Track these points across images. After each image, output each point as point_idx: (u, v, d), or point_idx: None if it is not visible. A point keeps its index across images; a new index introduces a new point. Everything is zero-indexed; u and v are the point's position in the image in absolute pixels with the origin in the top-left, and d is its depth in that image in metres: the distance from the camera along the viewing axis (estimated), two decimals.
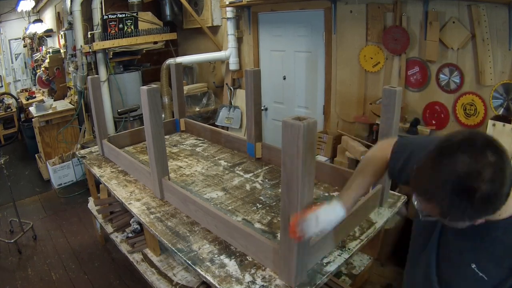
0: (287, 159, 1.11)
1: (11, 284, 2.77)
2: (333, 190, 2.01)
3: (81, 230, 3.51)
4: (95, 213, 2.82)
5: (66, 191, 4.41)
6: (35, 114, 4.57)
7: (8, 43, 7.86)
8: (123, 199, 2.01)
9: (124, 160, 2.38)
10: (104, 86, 4.01)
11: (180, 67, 2.99)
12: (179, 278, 1.99)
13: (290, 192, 1.14)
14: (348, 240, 1.56)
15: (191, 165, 2.45)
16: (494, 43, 2.32)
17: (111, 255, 3.08)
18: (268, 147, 2.42)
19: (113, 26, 3.82)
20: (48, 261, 3.05)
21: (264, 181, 2.16)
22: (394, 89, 1.56)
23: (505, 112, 2.34)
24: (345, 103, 3.30)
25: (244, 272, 1.39)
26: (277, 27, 3.79)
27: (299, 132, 1.04)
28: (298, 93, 3.78)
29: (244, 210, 1.85)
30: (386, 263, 2.75)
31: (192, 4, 4.42)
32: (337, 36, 3.20)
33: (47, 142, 4.68)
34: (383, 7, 2.81)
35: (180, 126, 3.13)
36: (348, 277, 2.00)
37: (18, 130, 6.52)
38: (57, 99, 5.36)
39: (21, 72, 8.19)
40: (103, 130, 2.64)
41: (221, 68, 4.64)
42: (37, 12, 7.05)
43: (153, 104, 1.82)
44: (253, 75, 2.23)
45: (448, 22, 2.48)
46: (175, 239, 1.62)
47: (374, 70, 3.00)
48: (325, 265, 1.41)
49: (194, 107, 4.54)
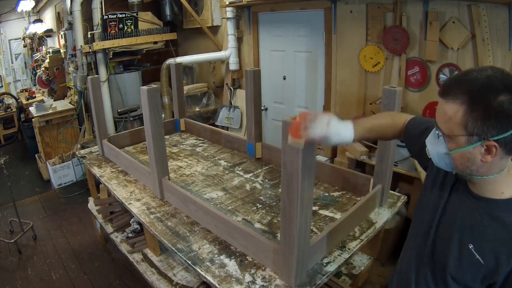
0: (287, 159, 1.11)
1: (11, 284, 2.77)
2: (333, 190, 2.01)
3: (81, 230, 3.51)
4: (95, 213, 2.82)
5: (66, 191, 4.41)
6: (35, 114, 4.57)
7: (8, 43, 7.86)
8: (123, 199, 2.01)
9: (124, 160, 2.38)
10: (104, 86, 4.01)
11: (180, 67, 2.99)
12: (179, 278, 1.99)
13: (290, 192, 1.14)
14: (348, 240, 1.56)
15: (191, 165, 2.45)
16: (494, 43, 2.32)
17: (111, 255, 3.08)
18: (268, 147, 2.42)
19: (113, 26, 3.82)
20: (48, 261, 3.05)
21: (264, 181, 2.16)
22: (394, 89, 1.56)
23: None
24: (345, 103, 3.30)
25: (244, 272, 1.39)
26: (277, 27, 3.79)
27: None
28: (298, 93, 3.78)
29: (244, 210, 1.85)
30: (386, 263, 2.75)
31: (192, 4, 4.42)
32: (337, 36, 3.20)
33: (47, 142, 4.69)
34: (383, 7, 2.81)
35: (180, 126, 3.13)
36: (348, 277, 2.00)
37: (18, 130, 6.52)
38: (57, 99, 5.36)
39: (21, 72, 8.20)
40: (103, 130, 2.64)
41: (221, 68, 4.64)
42: (37, 12, 7.05)
43: (153, 104, 1.82)
44: (253, 75, 2.23)
45: (448, 22, 2.48)
46: (175, 239, 1.62)
47: (374, 70, 3.00)
48: (325, 265, 1.41)
49: (194, 107, 4.54)
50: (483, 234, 0.90)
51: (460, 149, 0.85)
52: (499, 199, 0.89)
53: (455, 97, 0.82)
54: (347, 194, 1.96)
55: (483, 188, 0.92)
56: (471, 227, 0.92)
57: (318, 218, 1.75)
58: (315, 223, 1.69)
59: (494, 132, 0.79)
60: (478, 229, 0.91)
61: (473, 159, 0.85)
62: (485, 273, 0.89)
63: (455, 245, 0.95)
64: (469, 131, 0.81)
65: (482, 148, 0.82)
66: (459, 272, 0.94)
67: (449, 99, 0.84)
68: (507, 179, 0.89)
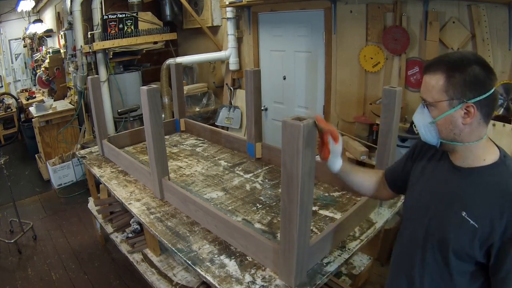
0: (287, 159, 1.11)
1: (11, 284, 2.77)
2: (333, 190, 2.01)
3: (81, 230, 3.51)
4: (95, 213, 2.82)
5: (66, 191, 4.41)
6: (35, 114, 4.57)
7: (8, 43, 7.86)
8: (123, 199, 2.01)
9: (124, 160, 2.38)
10: (104, 86, 4.01)
11: (180, 67, 2.99)
12: (179, 278, 1.99)
13: (290, 192, 1.14)
14: (348, 240, 1.56)
15: (191, 165, 2.45)
16: (494, 43, 2.32)
17: (111, 255, 3.08)
18: (268, 147, 2.42)
19: (113, 26, 3.82)
20: (48, 261, 3.05)
21: (264, 181, 2.16)
22: (394, 89, 1.56)
23: (505, 112, 2.33)
24: (345, 103, 3.30)
25: (244, 272, 1.39)
26: (277, 27, 3.79)
27: (299, 132, 1.04)
28: (298, 93, 3.78)
29: (244, 210, 1.85)
30: (386, 263, 2.74)
31: (192, 4, 4.42)
32: (337, 36, 3.20)
33: (47, 142, 4.69)
34: (383, 7, 2.81)
35: (180, 126, 3.13)
36: (348, 277, 2.00)
37: (18, 130, 6.52)
38: (57, 99, 5.36)
39: (21, 72, 8.20)
40: (103, 130, 2.64)
41: (221, 68, 4.64)
42: (37, 12, 7.05)
43: (153, 104, 1.82)
44: (253, 75, 2.23)
45: (448, 22, 2.48)
46: (175, 239, 1.62)
47: (374, 70, 3.00)
48: (325, 265, 1.41)
49: (194, 107, 4.54)
50: (473, 202, 0.97)
51: (443, 114, 0.97)
52: (482, 165, 0.99)
53: (436, 70, 0.97)
54: (347, 194, 1.96)
55: (467, 158, 1.01)
56: (461, 198, 0.99)
57: (318, 218, 1.75)
58: (315, 223, 1.69)
59: (471, 95, 0.93)
60: (467, 198, 0.98)
61: (455, 122, 0.96)
62: (482, 237, 0.95)
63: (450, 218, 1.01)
64: (450, 96, 0.95)
65: (462, 111, 0.94)
66: (458, 242, 0.99)
67: (431, 73, 0.98)
68: (487, 148, 1.00)
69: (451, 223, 1.00)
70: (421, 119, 1.03)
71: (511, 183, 0.94)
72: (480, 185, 0.97)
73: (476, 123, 0.95)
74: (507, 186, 0.93)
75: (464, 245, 0.98)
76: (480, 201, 0.96)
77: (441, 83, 0.95)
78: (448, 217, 1.01)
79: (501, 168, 0.97)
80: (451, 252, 1.00)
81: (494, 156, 0.99)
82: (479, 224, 0.95)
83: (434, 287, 1.08)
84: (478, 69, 0.92)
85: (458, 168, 1.03)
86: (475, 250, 0.96)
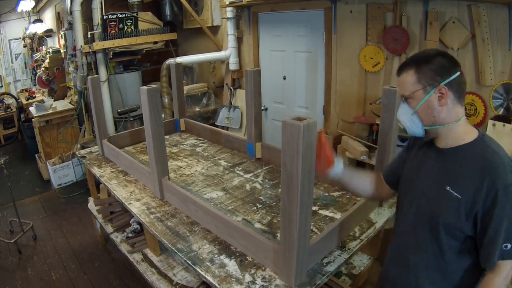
0: (287, 159, 1.11)
1: (11, 284, 2.77)
2: (333, 190, 2.02)
3: (81, 230, 3.51)
4: (95, 213, 2.82)
5: (66, 191, 4.41)
6: (35, 114, 4.58)
7: (8, 43, 7.86)
8: (123, 199, 2.01)
9: (124, 160, 2.38)
10: (104, 86, 4.01)
11: (180, 67, 2.99)
12: (179, 278, 1.99)
13: (290, 192, 1.14)
14: (348, 240, 1.56)
15: (191, 165, 2.45)
16: (494, 43, 2.32)
17: (111, 255, 3.08)
18: (268, 147, 2.42)
19: (113, 26, 3.82)
20: (48, 261, 3.05)
21: (264, 181, 2.16)
22: (394, 89, 1.57)
23: (505, 112, 2.33)
24: (345, 103, 3.30)
25: (244, 272, 1.39)
26: (277, 27, 3.79)
27: (299, 132, 1.04)
28: (298, 93, 3.78)
29: (244, 210, 1.85)
30: None
31: (192, 4, 4.42)
32: (337, 36, 3.20)
33: (47, 142, 4.69)
34: (383, 7, 2.81)
35: (180, 126, 3.13)
36: (348, 277, 1.99)
37: (18, 130, 6.52)
38: (57, 99, 5.36)
39: (21, 72, 8.20)
40: (103, 130, 2.64)
41: (221, 68, 4.64)
42: (37, 12, 7.05)
43: (153, 104, 1.82)
44: (253, 75, 2.23)
45: (448, 22, 2.48)
46: (175, 239, 1.62)
47: (374, 70, 3.00)
48: (325, 265, 1.41)
49: (194, 107, 4.54)
50: (456, 176, 1.09)
51: (421, 102, 1.10)
52: (463, 144, 1.10)
53: (407, 68, 1.12)
54: (347, 194, 1.96)
55: (449, 138, 1.12)
56: (446, 175, 1.11)
57: (318, 218, 1.75)
58: (315, 223, 1.70)
59: (440, 79, 1.06)
60: (451, 174, 1.10)
61: (432, 106, 1.08)
62: (466, 207, 1.05)
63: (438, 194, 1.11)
64: (423, 84, 1.08)
65: (436, 94, 1.07)
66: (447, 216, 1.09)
67: (403, 71, 1.13)
68: (465, 129, 1.12)
69: (438, 199, 1.11)
70: (404, 114, 1.15)
71: (489, 151, 1.05)
72: (463, 160, 1.08)
73: (451, 103, 1.08)
74: (485, 155, 1.05)
75: (452, 218, 1.07)
76: (463, 174, 1.07)
77: (413, 76, 1.09)
78: (437, 194, 1.12)
79: (480, 144, 1.08)
80: (442, 227, 1.10)
81: (473, 135, 1.10)
82: (462, 195, 1.05)
83: (428, 266, 1.16)
84: (441, 58, 1.08)
85: (442, 150, 1.14)
86: (462, 221, 1.06)
